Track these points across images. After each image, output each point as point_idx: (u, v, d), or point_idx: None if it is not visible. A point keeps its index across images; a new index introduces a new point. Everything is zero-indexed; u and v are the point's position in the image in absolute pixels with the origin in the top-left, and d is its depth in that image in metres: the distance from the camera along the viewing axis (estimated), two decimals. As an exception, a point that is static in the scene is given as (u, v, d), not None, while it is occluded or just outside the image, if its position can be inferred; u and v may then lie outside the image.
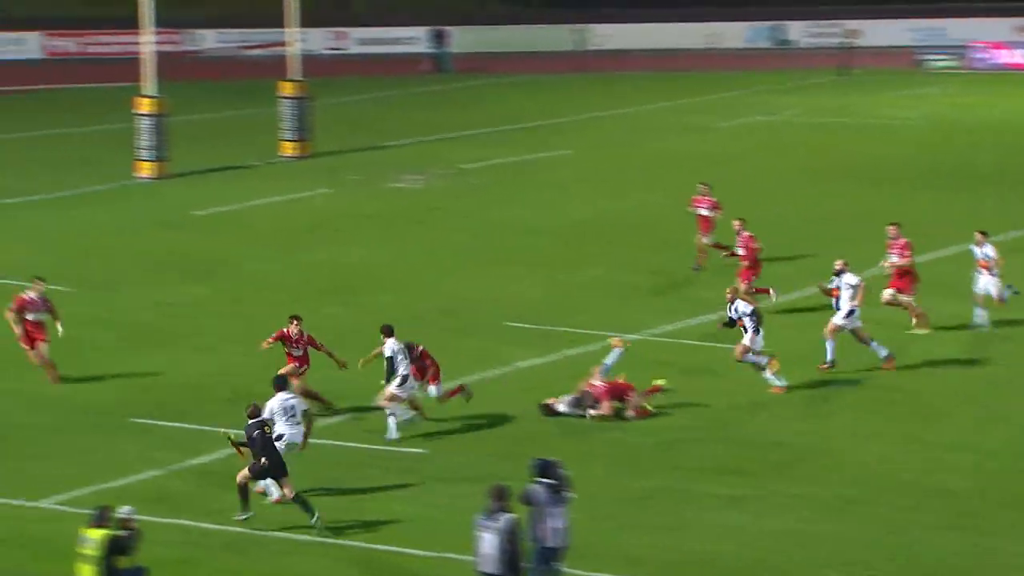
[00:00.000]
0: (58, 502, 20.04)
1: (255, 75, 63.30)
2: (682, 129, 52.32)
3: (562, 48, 72.14)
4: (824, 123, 53.61)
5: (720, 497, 20.13)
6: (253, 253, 34.00)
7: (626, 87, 64.10)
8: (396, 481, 20.79)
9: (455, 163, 45.43)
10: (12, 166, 44.86)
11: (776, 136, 50.99)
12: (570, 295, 30.28)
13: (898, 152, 47.38)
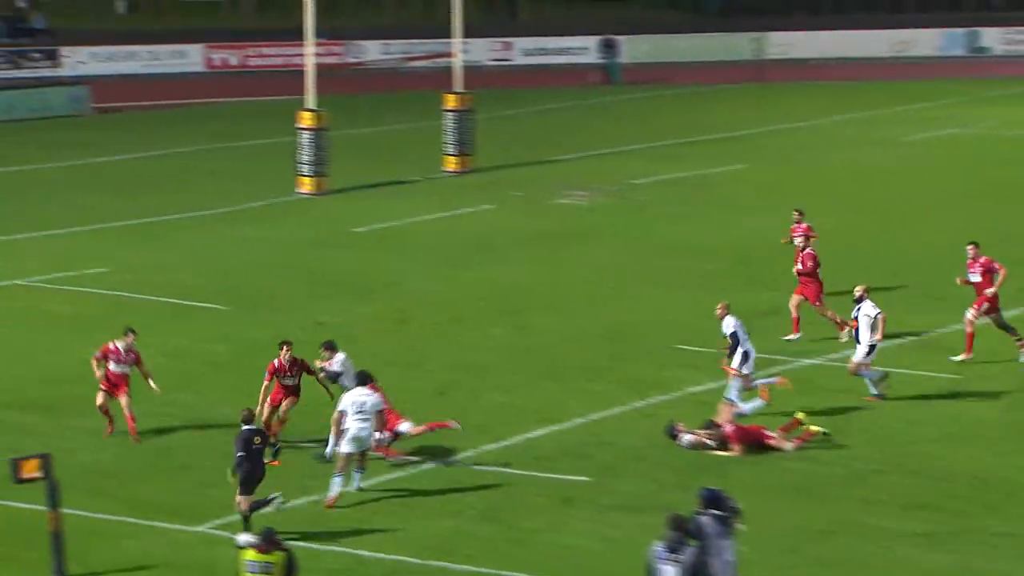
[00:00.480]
0: (216, 526, 20.44)
1: (417, 87, 64.01)
2: (866, 143, 51.66)
3: (739, 57, 71.73)
4: (1017, 137, 52.58)
5: (916, 535, 19.81)
6: (414, 271, 34.35)
7: (806, 98, 63.50)
8: (563, 511, 20.83)
9: (623, 179, 45.40)
10: (171, 181, 45.83)
11: (969, 151, 50.11)
12: (743, 318, 29.96)
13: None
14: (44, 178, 46.52)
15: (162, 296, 32.20)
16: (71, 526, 19.34)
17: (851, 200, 40.99)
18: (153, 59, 70.87)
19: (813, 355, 27.69)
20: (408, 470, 22.47)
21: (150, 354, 27.53)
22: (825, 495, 21.28)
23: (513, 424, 24.28)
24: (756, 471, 22.08)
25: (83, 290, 32.62)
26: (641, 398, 25.54)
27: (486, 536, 20.01)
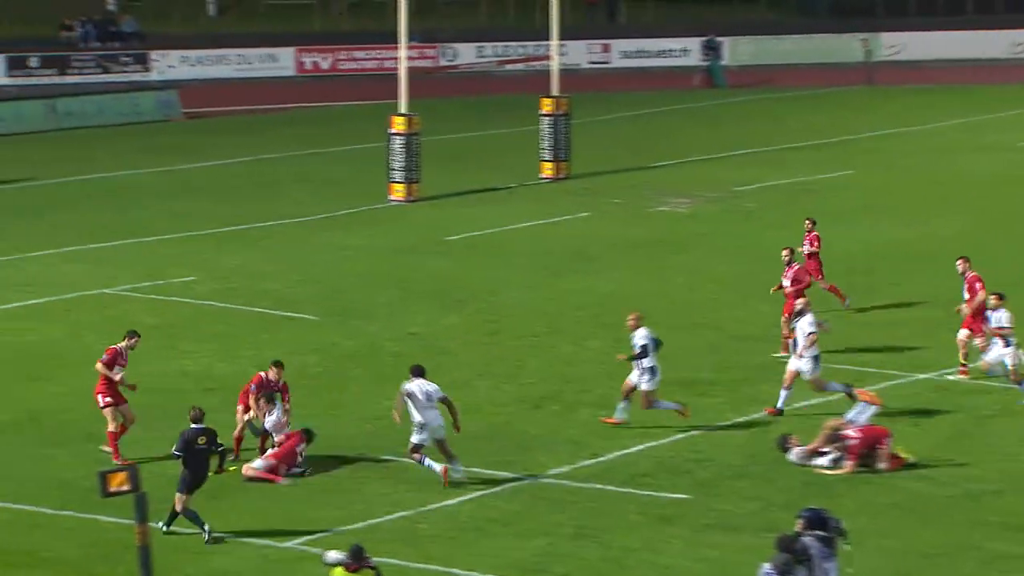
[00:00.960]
0: (304, 543, 20.59)
1: (512, 91, 64.13)
2: (980, 149, 51.11)
3: (848, 59, 71.21)
4: None
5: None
6: (508, 280, 34.41)
7: (919, 102, 62.94)
8: (661, 530, 20.78)
9: (726, 185, 45.22)
10: (260, 187, 46.20)
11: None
12: (853, 330, 29.82)
13: None
14: (133, 184, 47.04)
15: (250, 305, 32.48)
16: (158, 541, 19.58)
17: (965, 207, 40.58)
18: (244, 63, 71.46)
19: (929, 369, 27.43)
20: (501, 486, 22.51)
21: (240, 365, 27.91)
22: (937, 516, 21.08)
23: (610, 439, 24.26)
24: (865, 490, 21.91)
25: (170, 299, 32.97)
26: (742, 413, 25.42)
27: (580, 555, 19.99)
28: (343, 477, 23.01)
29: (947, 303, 30.75)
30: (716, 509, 21.42)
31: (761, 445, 23.58)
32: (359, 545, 17.09)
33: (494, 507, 21.73)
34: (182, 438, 21.11)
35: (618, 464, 23.29)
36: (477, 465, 23.23)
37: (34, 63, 67.59)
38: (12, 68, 66.77)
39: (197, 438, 21.09)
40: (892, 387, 26.57)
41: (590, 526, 20.92)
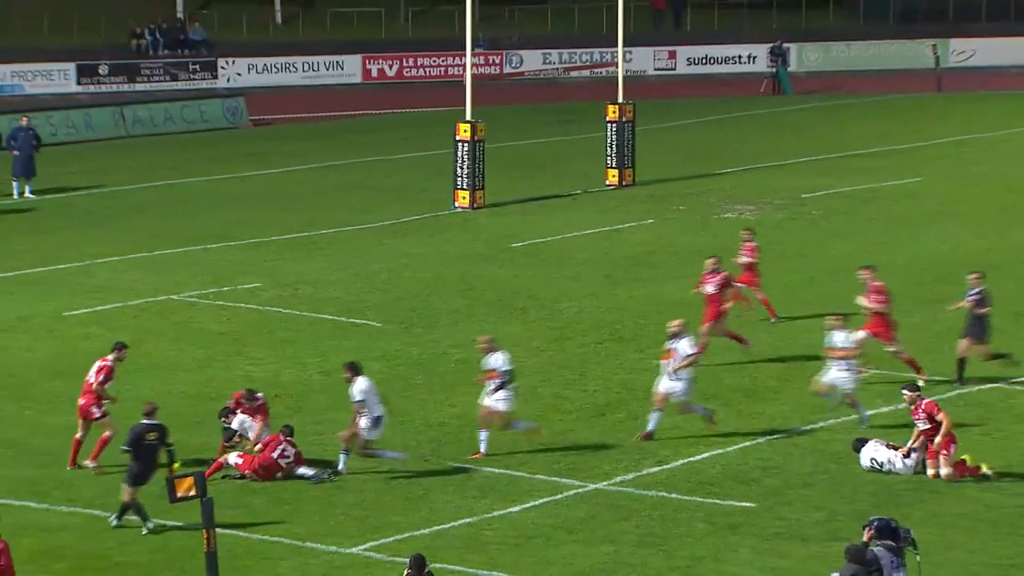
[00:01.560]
0: (370, 548, 20.66)
1: (578, 98, 64.14)
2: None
3: (917, 65, 70.80)
4: None
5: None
6: (572, 288, 34.39)
7: (989, 108, 62.47)
8: (727, 538, 20.72)
9: (793, 192, 45.03)
10: (327, 194, 46.33)
11: None
12: (925, 340, 29.60)
13: None
14: (200, 191, 47.31)
15: (316, 312, 32.61)
16: (224, 545, 19.68)
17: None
18: (310, 70, 71.76)
19: (994, 378, 27.23)
20: (565, 493, 22.51)
21: (306, 372, 28.04)
22: (1008, 527, 20.92)
23: (675, 447, 24.22)
24: (932, 500, 21.77)
25: (236, 305, 33.16)
26: (807, 421, 25.32)
27: (646, 563, 19.96)
28: (408, 484, 23.06)
29: (1011, 314, 30.61)
30: (783, 518, 21.35)
31: (827, 454, 23.45)
32: (420, 555, 17.10)
33: (559, 515, 21.74)
34: (132, 432, 21.76)
35: (683, 472, 23.25)
36: (542, 472, 23.26)
37: (104, 71, 68.05)
38: (82, 76, 67.27)
39: (147, 433, 21.72)
40: (959, 395, 26.40)
41: (655, 534, 20.89)
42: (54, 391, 27.42)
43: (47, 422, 25.83)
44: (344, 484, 23.08)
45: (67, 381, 27.33)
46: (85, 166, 50.72)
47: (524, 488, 22.62)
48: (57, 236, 40.31)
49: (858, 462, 23.09)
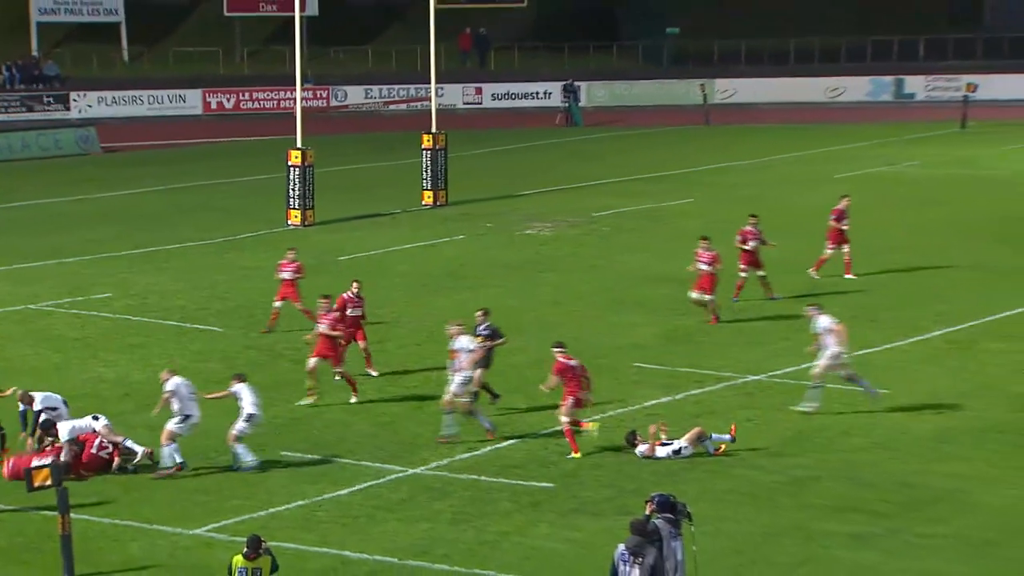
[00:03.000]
0: (211, 529, 20.35)
1: (396, 128, 64.07)
2: (804, 180, 51.83)
3: (688, 102, 72.04)
4: (944, 175, 52.77)
5: (849, 535, 19.83)
6: (392, 297, 34.29)
7: (749, 139, 63.76)
8: (529, 514, 20.79)
9: (585, 211, 45.46)
10: (172, 214, 45.78)
11: (895, 187, 50.28)
12: (694, 339, 30.12)
13: (1013, 204, 46.42)
14: (56, 211, 46.40)
15: (162, 319, 32.12)
16: (78, 529, 19.23)
17: (792, 231, 41.04)
18: (155, 103, 70.89)
19: (758, 372, 27.73)
20: (387, 477, 22.41)
21: (154, 372, 27.47)
22: (768, 500, 21.28)
23: (484, 436, 24.22)
24: (706, 478, 22.07)
25: (90, 313, 32.51)
26: (599, 411, 25.53)
27: (459, 538, 19.95)
28: (245, 473, 22.74)
29: (769, 316, 31.26)
30: (577, 496, 21.48)
31: (615, 440, 23.66)
32: (256, 535, 16.87)
33: (381, 496, 21.63)
34: None
35: (491, 457, 23.28)
36: (366, 459, 23.14)
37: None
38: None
39: None
40: (725, 388, 26.86)
41: (467, 512, 20.88)
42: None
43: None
44: (190, 472, 22.69)
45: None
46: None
47: (351, 473, 22.48)
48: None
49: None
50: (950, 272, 36.20)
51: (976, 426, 24.37)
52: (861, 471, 22.33)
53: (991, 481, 21.82)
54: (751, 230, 33.20)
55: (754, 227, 33.40)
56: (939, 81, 74.80)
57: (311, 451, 23.56)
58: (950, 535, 19.81)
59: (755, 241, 33.17)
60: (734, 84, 75.48)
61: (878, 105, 74.03)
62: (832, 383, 26.05)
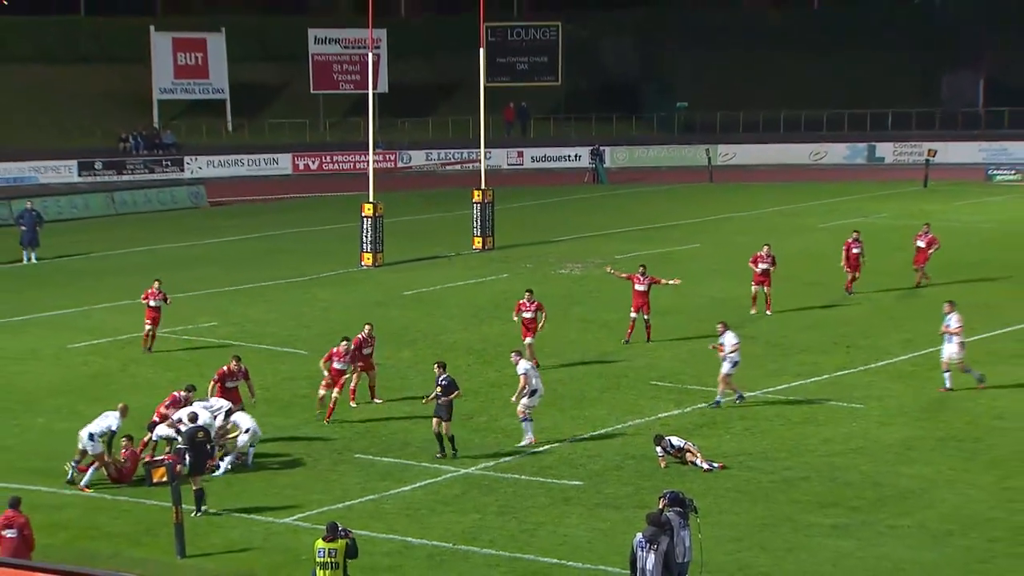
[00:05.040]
0: (298, 519, 20.40)
1: (451, 185, 64.27)
2: (792, 229, 51.66)
3: (695, 163, 71.96)
4: (908, 225, 52.31)
5: (831, 526, 19.70)
6: (448, 325, 34.35)
7: (747, 195, 63.62)
8: (562, 508, 20.75)
9: (609, 254, 45.43)
10: (267, 256, 45.98)
11: (868, 236, 49.78)
12: (703, 361, 30.00)
13: (967, 249, 46.12)
14: (171, 255, 46.69)
15: (258, 343, 32.25)
16: (189, 519, 19.33)
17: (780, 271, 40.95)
18: (254, 165, 71.38)
19: (755, 388, 27.61)
20: (444, 476, 22.40)
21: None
22: (763, 496, 21.17)
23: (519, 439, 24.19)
24: (710, 478, 21.96)
25: (198, 339, 32.67)
26: (621, 421, 25.50)
27: (503, 527, 19.93)
28: (327, 470, 22.82)
29: (764, 343, 31.09)
30: (603, 492, 21.42)
31: (634, 446, 23.58)
32: (334, 522, 16.91)
33: (439, 492, 21.64)
34: (185, 435, 21.11)
35: (530, 460, 23.25)
36: (426, 462, 23.15)
37: (99, 166, 67.47)
38: (82, 170, 66.66)
39: (196, 433, 21.04)
40: (726, 402, 26.75)
41: (510, 506, 20.85)
42: (58, 405, 26.75)
43: (54, 427, 25.17)
44: (279, 470, 22.77)
45: (68, 397, 26.73)
46: (83, 237, 49.82)
47: (414, 473, 22.51)
48: (59, 290, 39.50)
49: (655, 451, 23.13)
50: (914, 306, 35.96)
51: (937, 435, 24.18)
52: (840, 472, 22.19)
53: (950, 482, 21.64)
54: (763, 255, 33.68)
55: (767, 253, 34.45)
56: (905, 147, 74.43)
57: (380, 455, 23.59)
58: (915, 526, 19.65)
59: (766, 264, 33.51)
60: (733, 148, 75.36)
61: (854, 167, 73.70)
62: (811, 398, 25.94)
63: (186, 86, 77.60)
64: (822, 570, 18.11)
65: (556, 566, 18.34)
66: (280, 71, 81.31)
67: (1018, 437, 23.97)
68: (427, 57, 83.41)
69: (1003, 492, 21.00)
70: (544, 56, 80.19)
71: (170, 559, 18.70)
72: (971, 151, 72.62)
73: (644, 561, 15.59)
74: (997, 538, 19.05)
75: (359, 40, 73.45)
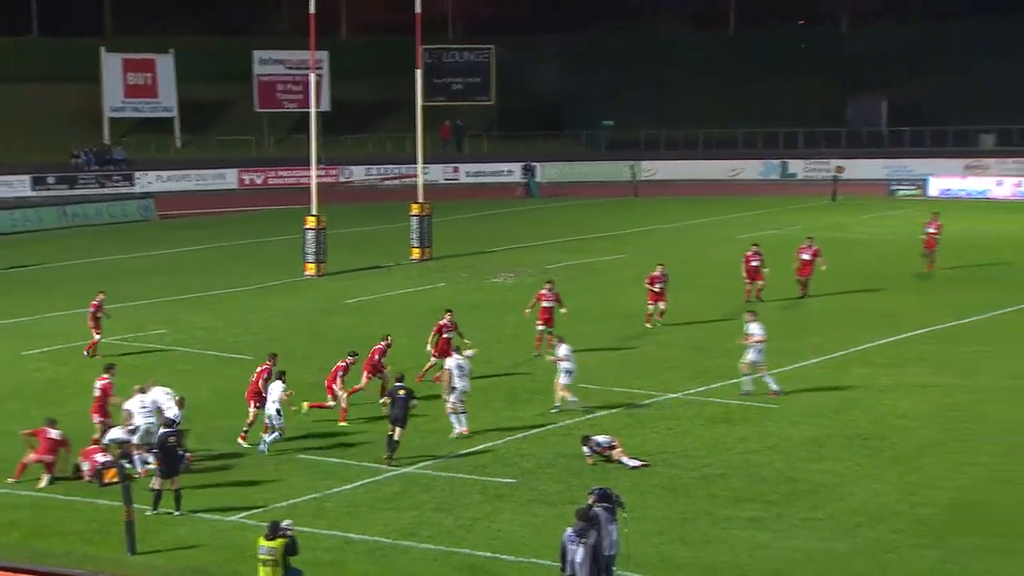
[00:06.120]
0: (244, 517, 20.17)
1: (391, 199, 64.05)
2: (711, 240, 52.08)
3: (621, 178, 72.34)
4: (818, 236, 52.84)
5: (747, 520, 19.83)
6: (388, 331, 34.04)
7: (668, 208, 64.05)
8: (496, 504, 20.71)
9: (540, 264, 45.53)
10: (214, 267, 45.59)
11: (781, 246, 50.46)
12: (627, 365, 30.14)
13: (873, 259, 46.81)
14: (121, 265, 46.11)
15: (205, 350, 31.91)
16: (139, 518, 19.06)
17: (704, 282, 41.30)
18: (201, 180, 70.74)
19: (676, 391, 27.76)
20: (384, 475, 22.27)
21: (200, 394, 27.30)
22: (684, 492, 21.27)
23: (461, 442, 24.15)
24: (635, 475, 22.02)
25: (148, 346, 32.25)
26: (552, 422, 25.50)
27: (440, 523, 19.85)
28: (271, 470, 22.61)
29: (686, 347, 31.26)
30: (535, 489, 21.40)
31: (565, 445, 23.60)
32: (275, 521, 16.72)
33: (379, 490, 21.51)
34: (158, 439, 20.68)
35: (466, 459, 23.19)
36: (367, 461, 23.01)
37: (51, 181, 66.57)
38: (35, 184, 65.78)
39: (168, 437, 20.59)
40: (651, 405, 26.87)
41: (447, 502, 20.78)
42: (12, 409, 26.29)
43: (9, 430, 24.69)
44: (227, 470, 22.50)
45: (21, 402, 26.27)
46: (37, 248, 49.00)
47: (354, 472, 22.36)
48: (13, 299, 38.81)
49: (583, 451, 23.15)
50: (823, 312, 36.39)
51: (845, 434, 24.45)
52: (756, 469, 22.36)
53: (858, 477, 21.89)
54: (658, 275, 33.60)
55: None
56: (815, 164, 75.37)
57: (323, 455, 23.41)
58: (825, 519, 19.85)
59: (661, 283, 33.44)
60: (656, 165, 75.87)
61: (768, 182, 74.49)
62: (729, 399, 26.10)
63: (136, 105, 76.81)
64: (739, 560, 18.23)
65: (491, 560, 18.29)
66: (227, 90, 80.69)
67: (920, 435, 24.32)
68: (367, 77, 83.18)
69: (906, 486, 21.28)
70: (478, 77, 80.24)
71: (121, 556, 18.41)
72: (875, 168, 73.73)
73: (573, 554, 15.60)
74: (901, 530, 19.30)
75: (302, 61, 73.01)
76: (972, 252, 46.94)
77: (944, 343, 31.56)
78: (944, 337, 32.22)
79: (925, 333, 32.61)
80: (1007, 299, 37.18)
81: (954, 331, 32.92)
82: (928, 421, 25.06)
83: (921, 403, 26.34)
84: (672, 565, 18.07)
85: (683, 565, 18.08)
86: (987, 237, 50.90)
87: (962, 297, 37.89)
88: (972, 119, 77.36)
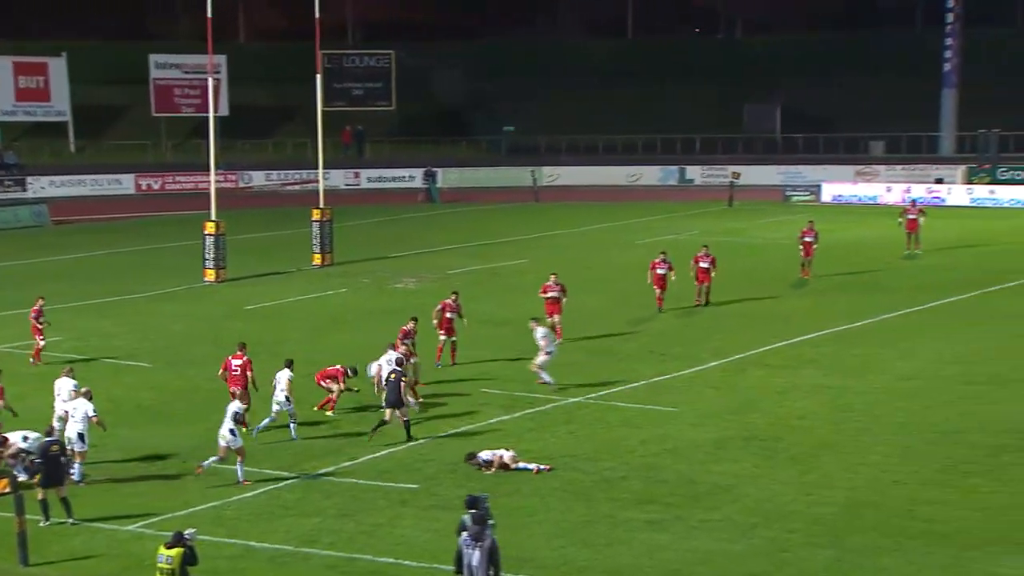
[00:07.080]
0: (142, 526, 19.81)
1: (291, 204, 63.44)
2: (611, 244, 52.55)
3: (522, 184, 72.61)
4: (716, 241, 53.75)
5: (647, 522, 20.01)
6: (288, 337, 33.89)
7: (569, 213, 64.47)
8: (398, 510, 20.63)
9: (442, 269, 45.50)
10: (110, 273, 44.74)
11: (679, 250, 51.09)
12: (528, 370, 30.21)
13: (769, 264, 47.67)
14: (14, 271, 44.98)
15: (102, 357, 31.28)
16: (32, 529, 18.59)
17: (605, 286, 41.61)
18: (96, 185, 69.36)
19: (578, 395, 27.92)
20: (285, 482, 22.05)
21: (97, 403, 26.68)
22: (584, 495, 21.38)
23: (362, 447, 24.01)
24: (537, 479, 22.08)
25: (44, 353, 31.46)
26: (454, 427, 25.49)
27: (342, 529, 19.72)
28: (171, 478, 22.23)
29: (583, 352, 31.45)
30: (437, 495, 21.36)
31: (466, 449, 23.57)
32: (179, 531, 16.44)
33: (280, 497, 21.29)
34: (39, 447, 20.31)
35: (368, 465, 23.06)
36: (268, 468, 22.76)
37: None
38: (-78, 188, 63.79)
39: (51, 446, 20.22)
40: (553, 409, 27.00)
41: (349, 508, 20.65)
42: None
43: None
44: (125, 480, 22.06)
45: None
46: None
47: (255, 479, 22.07)
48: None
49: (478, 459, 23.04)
50: (722, 316, 36.93)
51: (743, 435, 24.81)
52: (656, 471, 22.57)
53: (754, 478, 22.22)
54: (551, 284, 33.39)
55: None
56: (712, 170, 76.49)
57: (223, 462, 23.06)
58: (723, 520, 20.11)
59: (555, 292, 33.24)
60: (557, 170, 76.31)
61: (666, 188, 75.40)
62: (629, 403, 26.32)
63: (27, 108, 75.02)
64: (639, 562, 18.38)
65: (392, 565, 18.21)
66: (122, 94, 79.26)
67: (816, 435, 24.79)
68: (266, 82, 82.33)
69: (802, 486, 21.67)
70: (379, 82, 79.99)
71: (13, 568, 17.93)
72: (770, 174, 75.07)
73: (470, 558, 15.60)
74: (796, 529, 19.64)
75: (199, 65, 71.99)
76: (862, 257, 48.03)
77: (837, 345, 32.25)
78: (837, 340, 32.92)
79: (819, 336, 33.30)
80: (897, 303, 38.12)
81: (846, 334, 33.67)
82: (823, 422, 25.55)
83: (816, 404, 26.85)
84: (574, 567, 18.16)
85: (585, 568, 18.19)
86: (877, 242, 52.11)
87: (854, 300, 38.75)
88: (862, 127, 79.23)
